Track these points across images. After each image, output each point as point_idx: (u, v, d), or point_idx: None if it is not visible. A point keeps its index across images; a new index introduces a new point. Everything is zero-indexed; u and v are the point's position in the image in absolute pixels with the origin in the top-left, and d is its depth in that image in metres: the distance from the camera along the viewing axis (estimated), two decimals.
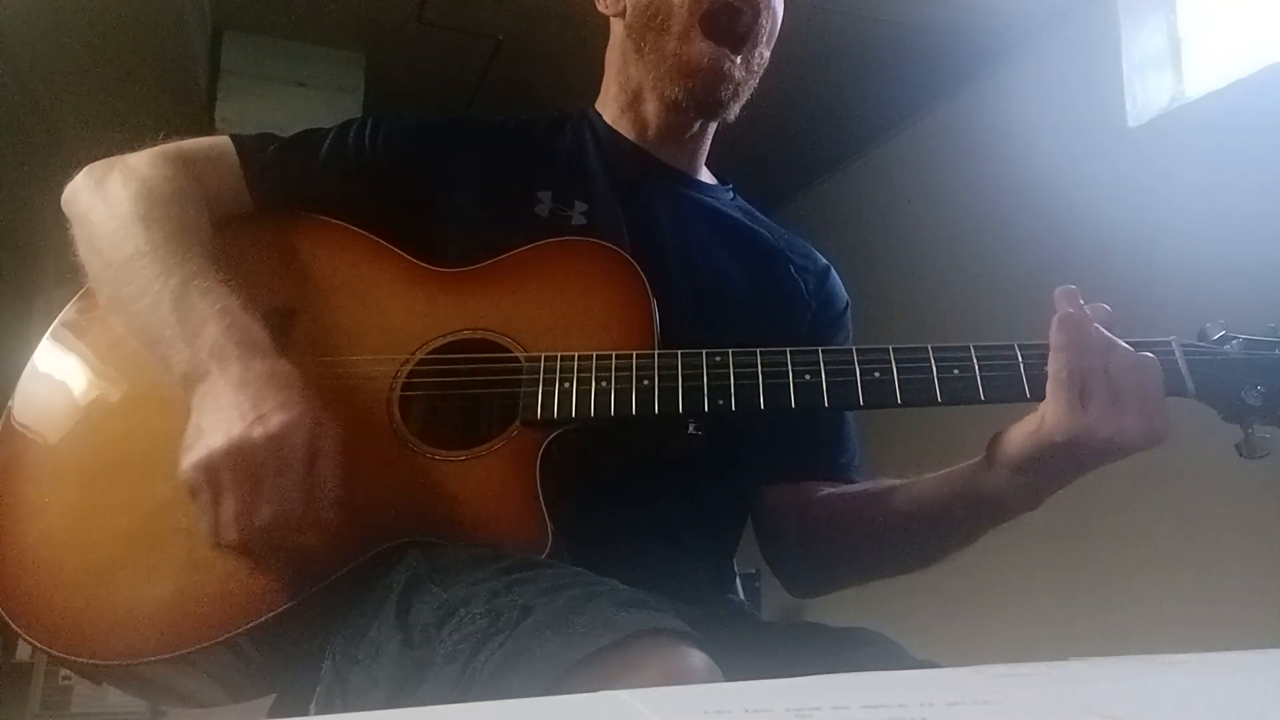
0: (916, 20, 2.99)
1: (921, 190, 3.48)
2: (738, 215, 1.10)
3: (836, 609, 1.14)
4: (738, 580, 1.06)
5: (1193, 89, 2.66)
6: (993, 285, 2.98)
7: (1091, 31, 2.81)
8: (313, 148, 1.01)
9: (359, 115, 1.07)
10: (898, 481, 0.94)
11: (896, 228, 3.58)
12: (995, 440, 0.80)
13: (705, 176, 1.11)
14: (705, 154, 1.11)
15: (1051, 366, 0.75)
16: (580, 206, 0.99)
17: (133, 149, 0.97)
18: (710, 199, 1.09)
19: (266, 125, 1.05)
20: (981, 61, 3.14)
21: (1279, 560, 2.12)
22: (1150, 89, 2.70)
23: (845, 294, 1.13)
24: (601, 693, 0.39)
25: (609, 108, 1.08)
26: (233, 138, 1.01)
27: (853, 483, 1.01)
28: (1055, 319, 0.76)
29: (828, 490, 0.99)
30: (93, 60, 3.02)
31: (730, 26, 0.98)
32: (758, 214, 1.14)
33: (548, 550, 0.77)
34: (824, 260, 1.13)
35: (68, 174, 0.97)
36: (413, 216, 0.99)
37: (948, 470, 0.88)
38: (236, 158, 0.99)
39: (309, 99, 3.23)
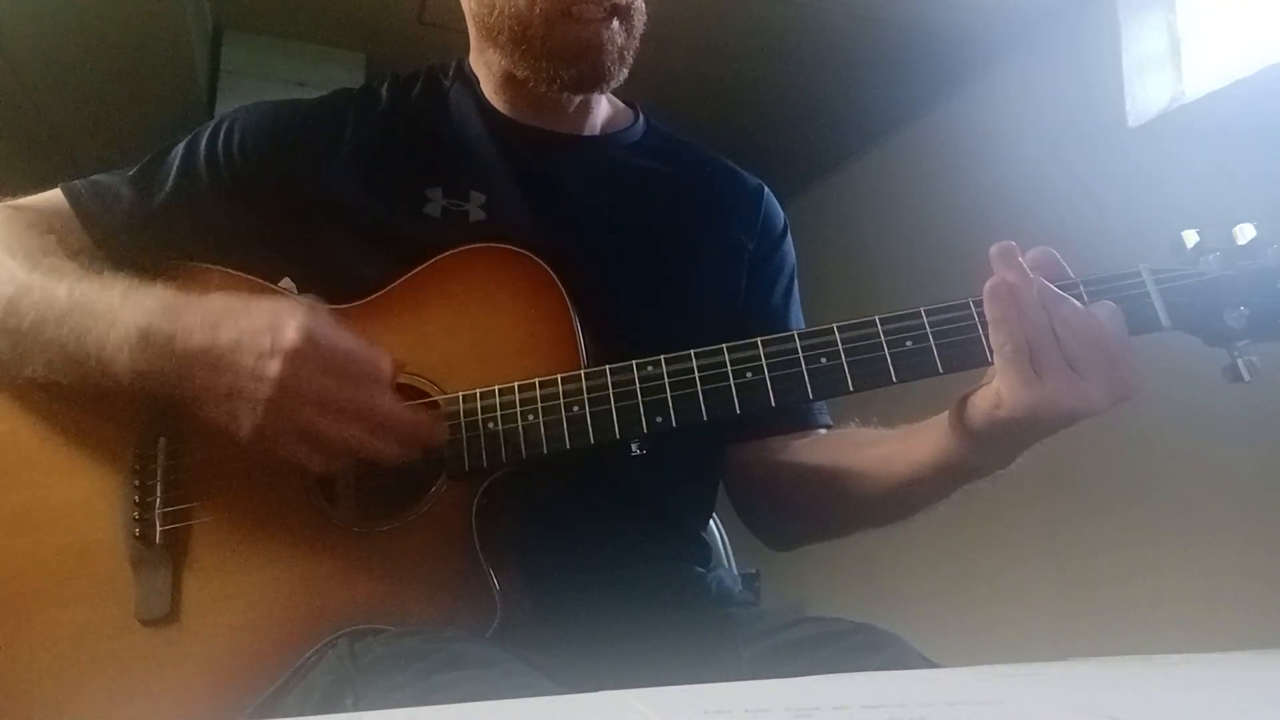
0: (916, 20, 2.99)
1: (921, 190, 3.47)
2: (653, 163, 0.99)
3: (838, 606, 1.13)
4: (727, 560, 1.03)
5: (1193, 89, 2.66)
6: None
7: (1091, 31, 2.81)
8: (159, 183, 0.90)
9: None
10: (864, 434, 0.89)
11: (897, 227, 3.58)
12: (957, 412, 0.75)
13: (607, 121, 1.00)
14: (601, 104, 1.00)
15: (994, 341, 0.69)
16: (477, 198, 0.90)
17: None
18: (620, 154, 0.99)
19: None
20: (981, 61, 3.13)
21: (1278, 560, 2.12)
22: (1150, 89, 2.70)
23: (782, 214, 1.05)
24: (601, 693, 0.39)
25: (484, 80, 0.98)
26: (66, 193, 0.90)
27: (819, 428, 0.96)
28: (986, 289, 0.70)
29: (795, 444, 0.94)
30: (93, 60, 3.02)
31: None
32: (677, 140, 1.04)
33: (498, 618, 0.72)
34: (755, 181, 1.05)
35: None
36: (295, 229, 0.89)
37: (914, 431, 0.83)
38: (74, 217, 0.88)
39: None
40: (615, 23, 0.89)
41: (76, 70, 3.07)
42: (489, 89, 0.97)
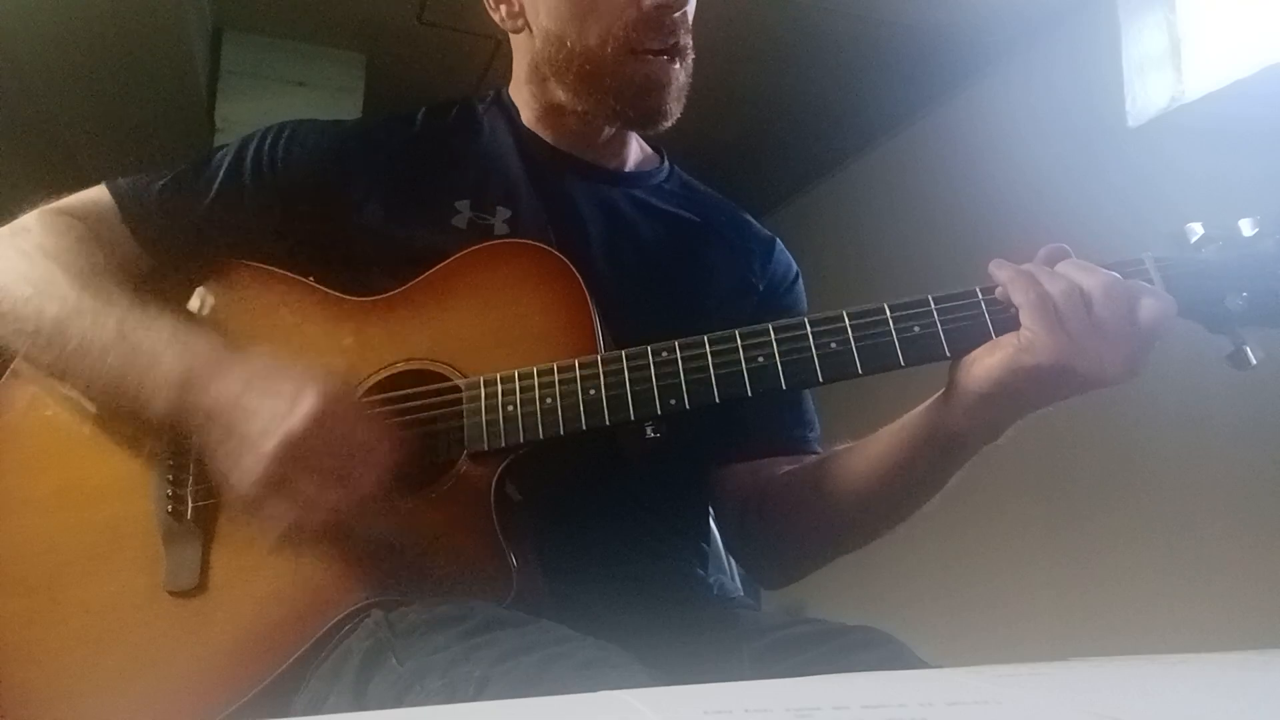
0: (916, 20, 2.99)
1: (921, 190, 3.48)
2: (673, 205, 1.03)
3: (838, 609, 1.13)
4: (729, 568, 1.04)
5: (1193, 89, 2.66)
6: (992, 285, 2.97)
7: (1091, 32, 2.81)
8: (204, 184, 0.94)
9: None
10: (852, 444, 0.90)
11: (897, 227, 3.58)
12: (961, 367, 0.76)
13: (635, 162, 1.05)
14: (634, 141, 1.04)
15: (1015, 298, 0.71)
16: (503, 213, 0.93)
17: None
18: (642, 193, 1.02)
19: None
20: (981, 61, 3.13)
21: (1278, 560, 2.12)
22: (1150, 89, 2.70)
23: (794, 264, 1.08)
24: (601, 693, 0.39)
25: (525, 109, 1.01)
26: (110, 188, 0.93)
27: (810, 454, 0.97)
28: (990, 267, 0.74)
29: (787, 468, 0.96)
30: (93, 61, 3.02)
31: (664, 30, 0.91)
32: (697, 187, 1.08)
33: (514, 590, 0.75)
34: (767, 233, 1.08)
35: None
36: (328, 237, 0.93)
37: (901, 420, 0.84)
38: (117, 212, 0.92)
39: (309, 99, 3.22)
40: (677, 64, 0.93)
41: (76, 70, 3.07)
42: (530, 116, 1.01)
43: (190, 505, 0.82)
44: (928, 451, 0.81)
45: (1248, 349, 0.73)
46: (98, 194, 0.93)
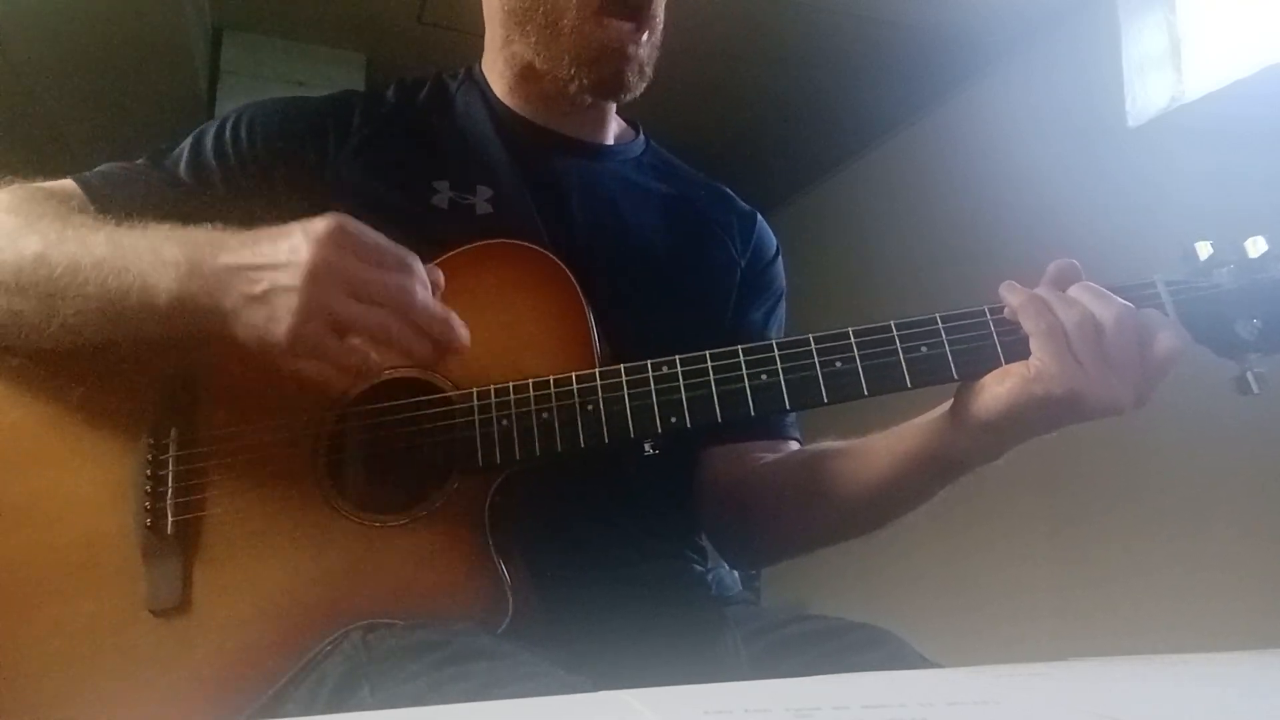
0: (916, 20, 2.99)
1: (921, 190, 3.47)
2: (652, 180, 1.01)
3: (838, 606, 1.13)
4: (725, 568, 1.03)
5: (1193, 89, 2.66)
6: (992, 285, 2.97)
7: (1091, 32, 2.81)
8: (168, 173, 0.90)
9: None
10: (843, 444, 0.88)
11: (896, 228, 3.58)
12: (968, 393, 0.75)
13: (613, 135, 1.02)
14: (612, 115, 1.02)
15: (1026, 325, 0.71)
16: (484, 192, 0.91)
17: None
18: (622, 167, 1.00)
19: None
20: (981, 61, 3.13)
21: (1278, 560, 2.12)
22: (1150, 89, 2.70)
23: (774, 240, 1.07)
24: (601, 693, 0.39)
25: (496, 80, 0.99)
26: (80, 184, 0.89)
27: (790, 442, 0.96)
28: (1001, 290, 0.74)
29: (767, 458, 0.94)
30: (93, 60, 3.02)
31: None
32: (674, 163, 1.06)
33: (509, 617, 0.72)
34: (747, 207, 1.07)
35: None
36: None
37: (898, 430, 0.83)
38: (87, 203, 0.87)
39: None
40: (643, 35, 0.90)
41: (76, 70, 3.07)
42: (502, 88, 0.99)
43: (170, 519, 0.78)
44: (926, 468, 0.81)
45: (1249, 376, 0.72)
46: (66, 186, 0.90)
